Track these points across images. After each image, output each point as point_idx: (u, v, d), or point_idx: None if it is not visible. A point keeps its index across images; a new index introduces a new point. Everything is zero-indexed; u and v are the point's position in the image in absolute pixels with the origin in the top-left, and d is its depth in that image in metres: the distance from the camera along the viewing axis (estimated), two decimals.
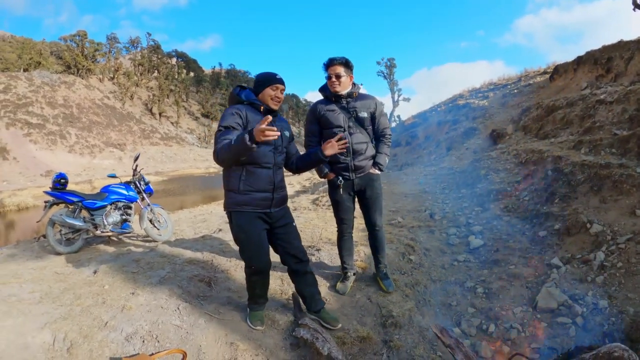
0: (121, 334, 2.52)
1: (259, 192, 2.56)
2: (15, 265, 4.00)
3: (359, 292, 3.50)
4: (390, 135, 3.43)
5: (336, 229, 3.57)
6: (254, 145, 2.17)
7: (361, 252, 4.25)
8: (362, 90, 3.29)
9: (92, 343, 2.41)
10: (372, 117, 3.28)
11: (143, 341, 2.50)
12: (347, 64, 3.11)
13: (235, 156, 2.33)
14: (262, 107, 2.58)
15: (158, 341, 2.51)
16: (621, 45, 9.85)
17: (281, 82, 2.60)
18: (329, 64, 3.10)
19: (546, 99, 10.81)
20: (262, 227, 2.64)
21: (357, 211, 3.55)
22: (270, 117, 2.14)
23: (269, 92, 2.57)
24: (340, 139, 2.63)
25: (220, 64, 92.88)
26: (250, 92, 2.64)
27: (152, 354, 2.38)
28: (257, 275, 2.71)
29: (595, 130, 6.82)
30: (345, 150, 2.86)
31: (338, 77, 3.08)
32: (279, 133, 2.21)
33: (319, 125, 3.25)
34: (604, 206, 4.57)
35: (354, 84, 3.22)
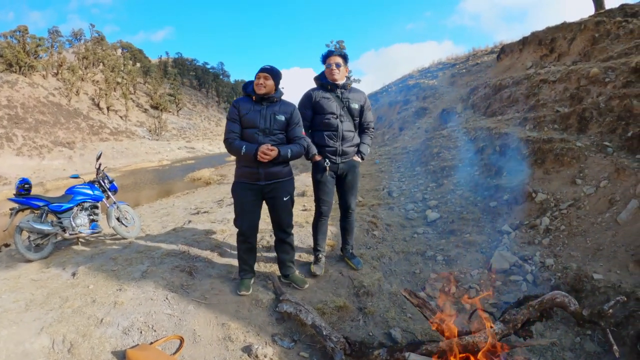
0: (118, 328, 2.63)
1: (247, 167, 3.04)
2: None
3: (330, 268, 3.79)
4: (374, 129, 3.78)
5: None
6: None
7: (328, 231, 4.45)
8: (354, 85, 3.62)
9: (91, 340, 2.50)
10: (361, 110, 3.59)
11: (140, 332, 2.63)
12: (344, 57, 3.46)
13: (240, 158, 3.01)
14: (254, 97, 3.04)
15: (154, 330, 2.66)
16: (564, 27, 10.37)
17: (261, 70, 3.02)
18: (329, 54, 3.43)
19: (493, 78, 11.28)
20: (252, 196, 3.11)
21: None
22: (268, 151, 2.85)
23: (255, 82, 3.03)
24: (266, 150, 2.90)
25: (167, 53, 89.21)
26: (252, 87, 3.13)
27: (152, 342, 2.53)
28: (242, 236, 3.20)
29: (539, 107, 7.26)
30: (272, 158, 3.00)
31: (337, 66, 3.39)
32: (273, 155, 2.86)
33: (312, 111, 3.49)
34: (548, 177, 5.03)
35: (347, 77, 3.52)
